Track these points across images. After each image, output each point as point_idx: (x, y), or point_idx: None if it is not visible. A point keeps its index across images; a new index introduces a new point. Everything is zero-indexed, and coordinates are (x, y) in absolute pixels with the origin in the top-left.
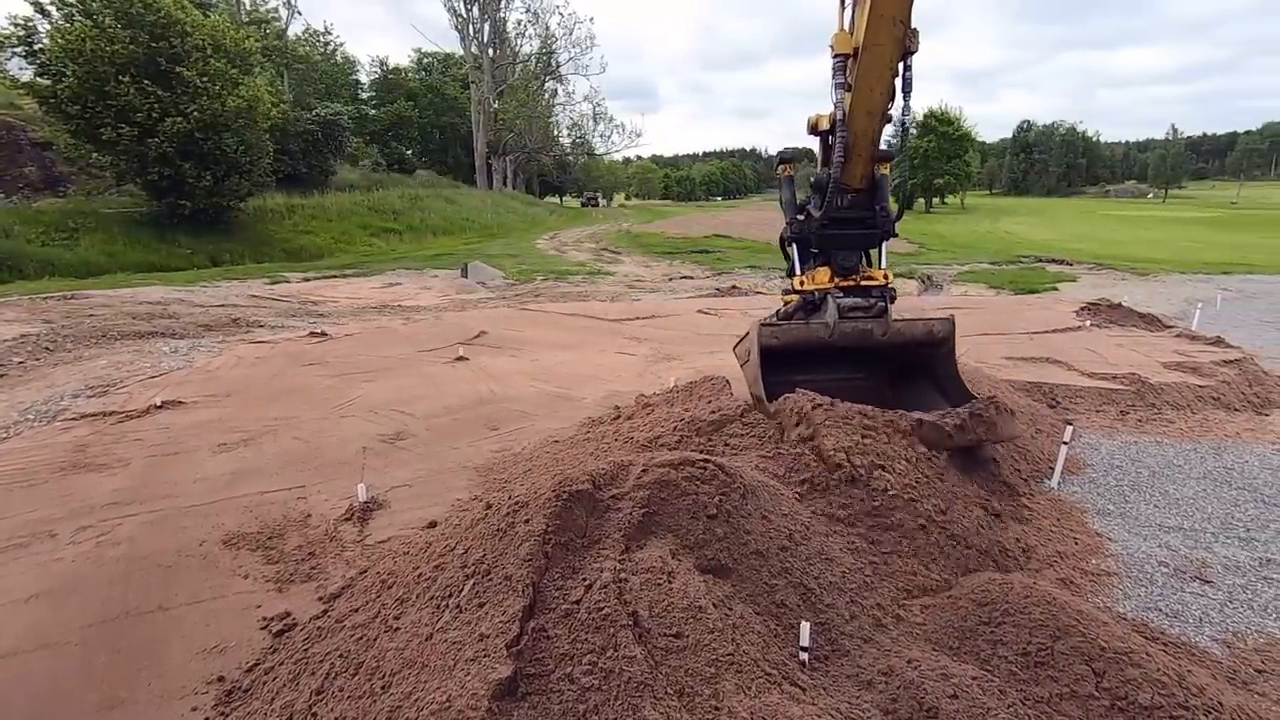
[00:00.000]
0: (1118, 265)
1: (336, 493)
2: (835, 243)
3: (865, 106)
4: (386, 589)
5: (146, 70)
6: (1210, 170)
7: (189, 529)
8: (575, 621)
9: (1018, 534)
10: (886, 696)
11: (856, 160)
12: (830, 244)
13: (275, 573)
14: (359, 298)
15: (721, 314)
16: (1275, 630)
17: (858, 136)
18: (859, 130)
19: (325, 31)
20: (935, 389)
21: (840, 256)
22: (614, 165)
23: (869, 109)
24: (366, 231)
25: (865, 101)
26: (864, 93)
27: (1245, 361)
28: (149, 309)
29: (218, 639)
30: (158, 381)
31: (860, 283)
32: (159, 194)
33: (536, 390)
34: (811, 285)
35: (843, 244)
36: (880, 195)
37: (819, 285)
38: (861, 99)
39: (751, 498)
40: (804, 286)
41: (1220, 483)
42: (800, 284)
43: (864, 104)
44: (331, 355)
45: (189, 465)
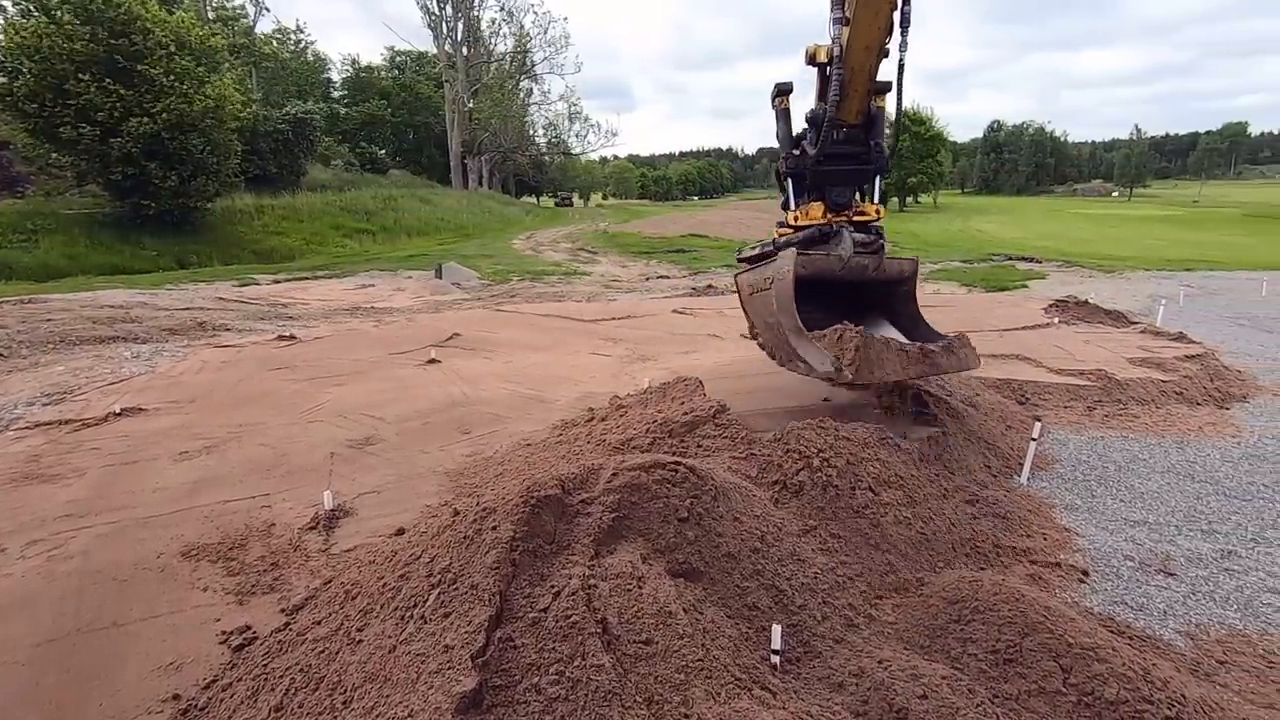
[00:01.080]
0: (1085, 263)
1: (302, 500)
2: (830, 179)
3: (863, 41)
4: (350, 600)
5: (107, 68)
6: (1173, 169)
7: (146, 541)
8: (542, 630)
9: (988, 530)
10: (857, 698)
11: (852, 96)
12: (825, 179)
13: (236, 585)
14: (330, 300)
15: (697, 314)
16: (1236, 621)
17: (854, 72)
18: (855, 65)
19: (297, 30)
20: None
21: (834, 192)
22: (591, 165)
23: (866, 43)
24: (339, 232)
25: (863, 35)
26: (862, 26)
27: (1207, 356)
28: (110, 313)
29: (174, 655)
30: (118, 388)
31: (853, 218)
32: (122, 194)
33: (509, 392)
34: (805, 220)
35: (837, 180)
36: (875, 130)
37: (812, 220)
38: (859, 33)
39: (723, 500)
40: (797, 221)
41: (1183, 476)
42: (794, 219)
43: (862, 38)
44: (300, 359)
45: (148, 474)
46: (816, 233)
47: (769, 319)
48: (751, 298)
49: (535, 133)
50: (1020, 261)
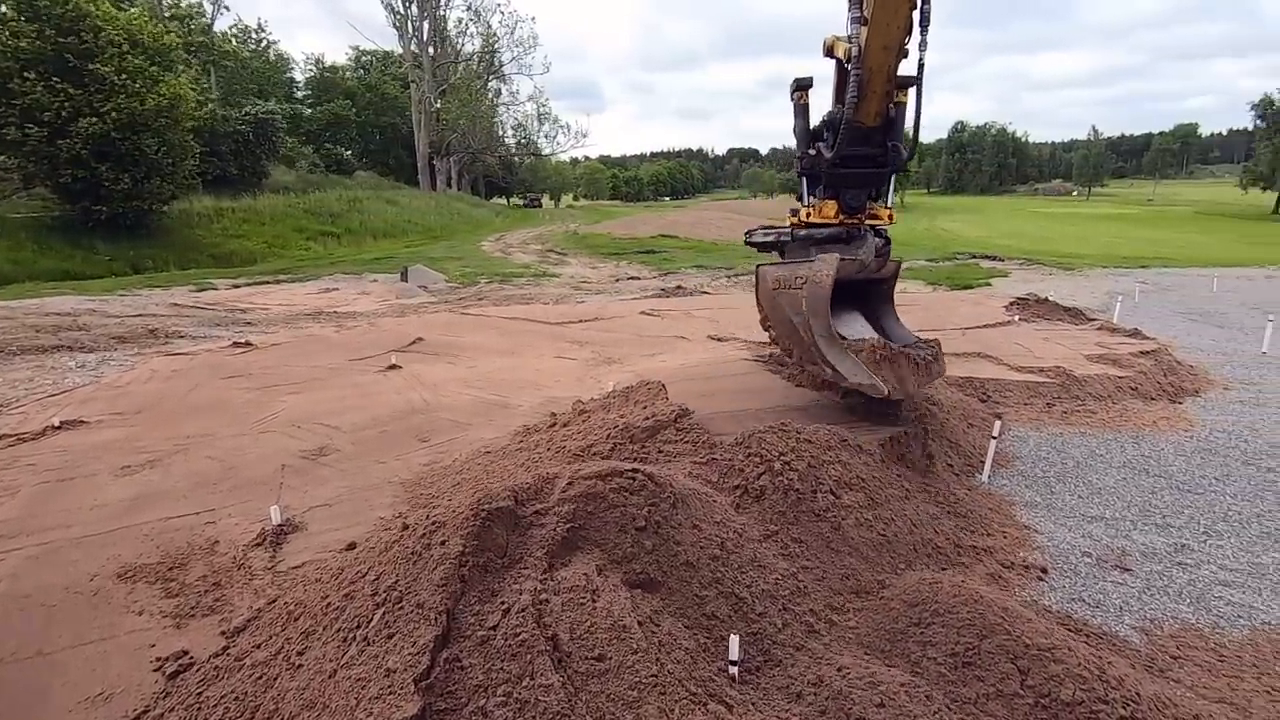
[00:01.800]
0: (1046, 260)
1: (249, 516)
2: (845, 181)
3: (882, 40)
4: (293, 621)
5: (55, 67)
6: (1129, 169)
7: (79, 562)
8: (491, 649)
9: (949, 530)
10: (815, 709)
11: (871, 97)
12: (840, 182)
13: (174, 607)
14: (292, 304)
15: (665, 315)
16: (1189, 615)
17: (873, 72)
18: (875, 66)
19: (258, 29)
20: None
21: (849, 195)
22: (561, 166)
23: (886, 43)
24: (302, 235)
25: (882, 35)
26: (880, 25)
27: (1160, 352)
28: (55, 321)
29: (103, 685)
30: (59, 400)
31: (866, 221)
32: (72, 197)
33: (471, 398)
34: (818, 218)
35: (852, 183)
36: (895, 131)
37: (826, 219)
38: (878, 32)
39: (682, 507)
40: (810, 219)
41: (1139, 471)
42: (806, 215)
43: (880, 37)
44: (256, 366)
45: (86, 491)
46: (842, 233)
47: (794, 317)
48: (776, 293)
49: (504, 133)
50: (984, 260)
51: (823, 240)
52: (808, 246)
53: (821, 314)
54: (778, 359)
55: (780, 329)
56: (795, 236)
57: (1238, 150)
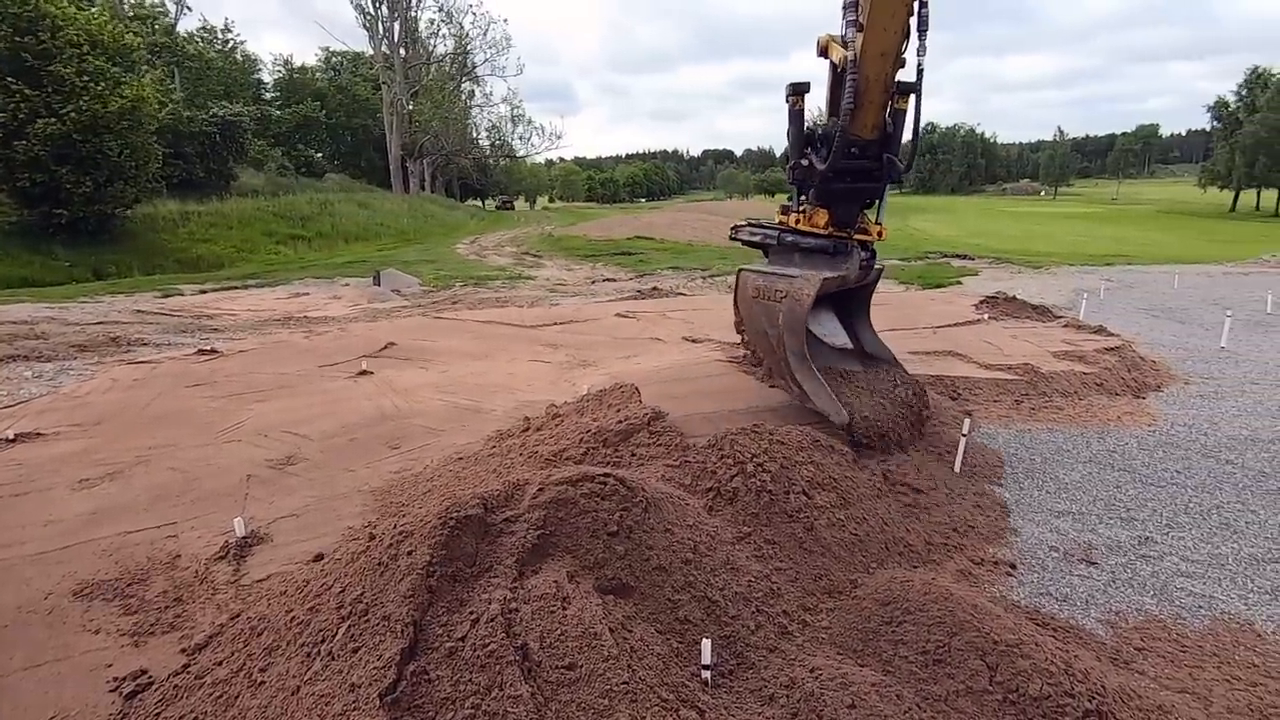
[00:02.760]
0: (1014, 259)
1: (213, 528)
2: (837, 195)
3: (879, 47)
4: (256, 636)
5: (11, 67)
6: (1093, 169)
7: (33, 580)
8: (459, 661)
9: (920, 528)
10: (787, 710)
11: (867, 107)
12: (832, 196)
13: (133, 624)
14: (261, 310)
15: (640, 317)
16: (1153, 607)
17: (870, 81)
18: (871, 74)
19: (224, 29)
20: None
21: (841, 209)
22: (536, 168)
23: (883, 49)
24: (272, 239)
25: (878, 41)
26: (877, 31)
27: (1124, 348)
28: (11, 329)
29: (56, 708)
30: (14, 411)
31: (854, 237)
32: (30, 201)
33: (444, 404)
34: (808, 225)
35: (844, 197)
36: (892, 144)
37: (816, 228)
38: (874, 38)
39: (655, 511)
40: (799, 225)
41: (1104, 466)
42: (795, 221)
43: (877, 43)
44: (221, 374)
45: (41, 506)
46: (829, 245)
47: (769, 329)
48: (755, 301)
49: (478, 135)
50: (954, 259)
51: (809, 250)
52: (792, 253)
53: (797, 333)
54: (751, 361)
55: (755, 338)
56: (781, 240)
57: (1196, 150)
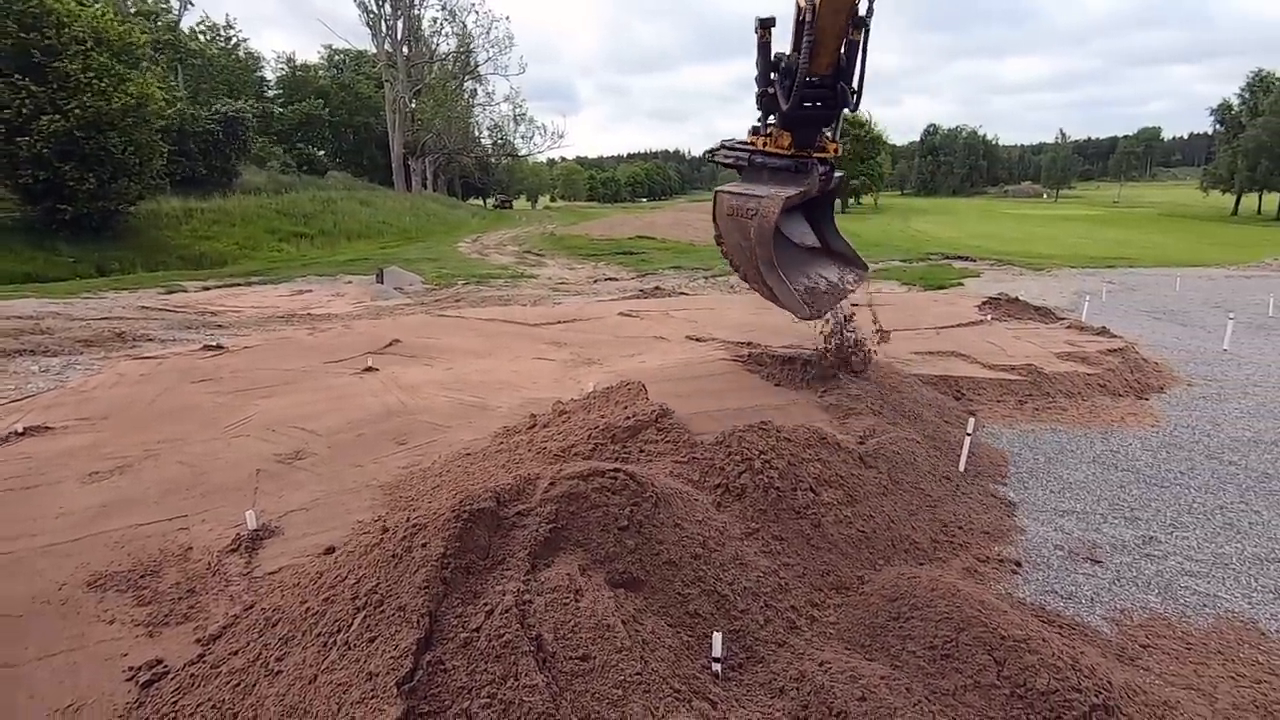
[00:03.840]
0: (1016, 261)
1: (223, 521)
2: (798, 120)
3: (834, 3)
4: (271, 627)
5: (16, 63)
6: (1095, 171)
7: (46, 571)
8: (474, 651)
9: (926, 526)
10: (797, 703)
11: (823, 51)
12: (793, 122)
13: (147, 615)
14: (264, 307)
15: (644, 315)
16: (1157, 605)
17: (825, 31)
18: (828, 25)
19: (227, 26)
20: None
21: (801, 133)
22: (538, 167)
23: (837, 6)
24: (274, 236)
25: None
26: None
27: (1127, 350)
28: (17, 324)
29: (73, 696)
30: (21, 405)
31: (814, 155)
32: (34, 198)
33: (449, 400)
34: (774, 147)
35: (805, 122)
36: (845, 73)
37: (780, 149)
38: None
39: (664, 506)
40: (766, 147)
41: (1108, 466)
42: (763, 143)
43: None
44: (227, 370)
45: (51, 498)
46: (792, 165)
47: (742, 241)
48: (729, 218)
49: (480, 134)
50: (956, 260)
51: (775, 169)
52: (761, 172)
53: (765, 244)
54: (756, 359)
55: (732, 250)
56: (752, 161)
57: (1198, 153)
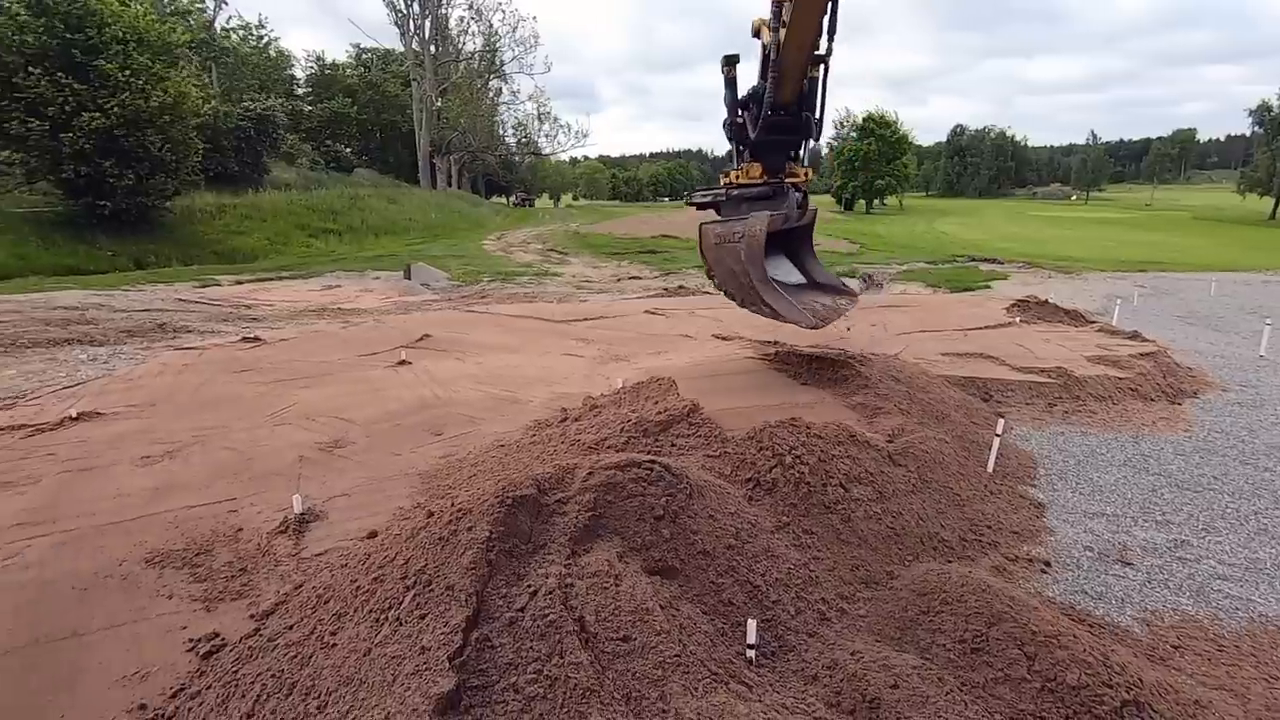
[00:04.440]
0: (1045, 264)
1: (270, 505)
2: (767, 147)
3: (796, 42)
4: (323, 604)
5: (60, 62)
6: (1127, 174)
7: (107, 548)
8: (520, 629)
9: (955, 524)
10: (830, 689)
11: (788, 82)
12: (762, 148)
13: (203, 591)
14: (296, 301)
15: (669, 314)
16: (1189, 608)
17: (789, 66)
18: (790, 61)
19: (259, 25)
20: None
21: (770, 159)
22: (561, 166)
23: (799, 44)
24: (304, 232)
25: (797, 39)
26: (796, 32)
27: (1159, 354)
28: (64, 314)
29: (139, 664)
30: (74, 392)
31: (786, 179)
32: (76, 193)
33: (482, 394)
34: (746, 179)
35: (773, 149)
36: (808, 102)
37: (752, 179)
38: (793, 37)
39: (698, 498)
40: (739, 180)
41: (1139, 470)
42: (736, 177)
43: (795, 41)
44: (265, 361)
45: (107, 480)
46: (769, 190)
47: (734, 266)
48: (717, 246)
49: (504, 132)
50: (983, 263)
51: (753, 198)
52: (740, 204)
53: (758, 263)
54: (783, 357)
55: (723, 278)
56: (729, 196)
57: (1235, 156)
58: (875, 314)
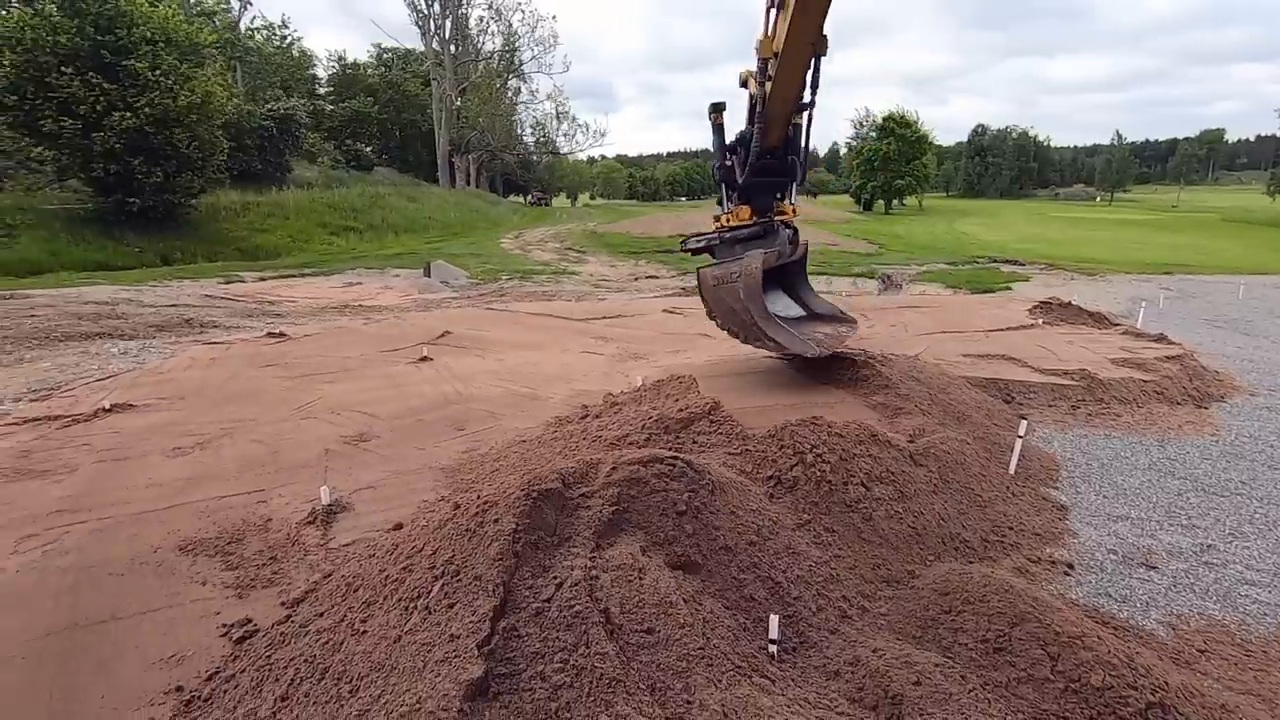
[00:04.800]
0: (1067, 266)
1: (298, 496)
2: (755, 189)
3: (782, 95)
4: (352, 592)
5: (92, 62)
6: (1153, 175)
7: (141, 536)
8: (546, 620)
9: (976, 525)
10: (853, 685)
11: (773, 129)
12: (750, 190)
13: (235, 578)
14: (318, 298)
15: (687, 313)
16: (1215, 612)
17: (775, 116)
18: (775, 113)
19: (282, 25)
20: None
21: (758, 200)
22: (579, 165)
23: (784, 97)
24: (325, 230)
25: (782, 92)
26: (781, 86)
27: (1186, 357)
28: (95, 309)
29: (175, 648)
30: (106, 384)
31: (775, 219)
32: (105, 190)
33: (503, 390)
34: (736, 220)
35: (760, 190)
36: (793, 146)
37: (743, 220)
38: (779, 90)
39: (720, 494)
40: (730, 222)
41: (1164, 473)
42: (727, 220)
43: (780, 94)
44: (290, 356)
45: (141, 470)
46: (760, 230)
47: (734, 305)
48: (715, 288)
49: (523, 132)
50: (1004, 264)
51: (745, 239)
52: (733, 245)
53: (756, 299)
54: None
55: (724, 317)
56: (722, 239)
57: (1265, 156)
58: (895, 314)
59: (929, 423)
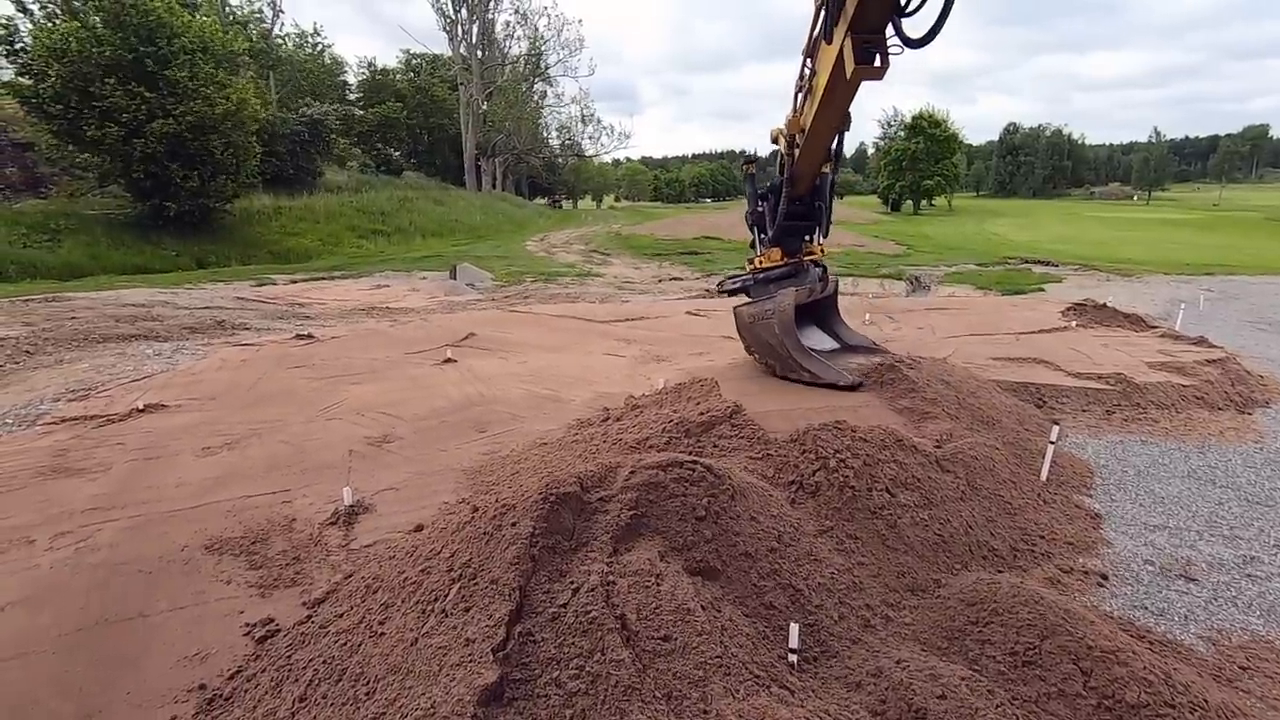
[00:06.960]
0: (1102, 266)
1: (322, 496)
2: (785, 232)
3: (808, 163)
4: (372, 593)
5: (133, 72)
6: (1193, 173)
7: (170, 534)
8: (562, 625)
9: (1005, 533)
10: (875, 698)
11: (801, 182)
12: (781, 234)
13: (259, 578)
14: (346, 300)
15: (711, 315)
16: (1259, 627)
17: (801, 175)
18: (803, 172)
19: (314, 32)
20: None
21: (788, 243)
22: (604, 167)
23: (811, 162)
24: (354, 233)
25: (808, 161)
26: (808, 156)
27: (1228, 361)
28: (132, 311)
29: (199, 646)
30: (140, 384)
31: (804, 259)
32: (144, 195)
33: (525, 392)
34: (768, 262)
35: (790, 233)
36: (821, 193)
37: (774, 262)
38: (805, 159)
39: (740, 499)
40: (762, 264)
41: (1205, 482)
42: (760, 263)
43: (807, 163)
44: (318, 357)
45: (171, 469)
46: (790, 270)
47: (770, 340)
48: (753, 325)
49: (548, 135)
50: (1036, 265)
51: (777, 278)
52: (767, 285)
53: (791, 333)
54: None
55: (761, 351)
56: (756, 279)
57: None
58: (922, 316)
59: (957, 427)
